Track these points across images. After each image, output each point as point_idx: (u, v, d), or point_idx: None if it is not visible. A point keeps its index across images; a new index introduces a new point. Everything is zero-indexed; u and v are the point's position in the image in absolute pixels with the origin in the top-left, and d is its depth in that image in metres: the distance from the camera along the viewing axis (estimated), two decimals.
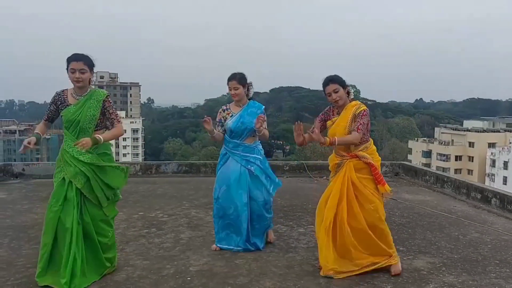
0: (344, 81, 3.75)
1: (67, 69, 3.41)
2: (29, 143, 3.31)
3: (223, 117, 4.29)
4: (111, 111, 3.52)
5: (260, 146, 4.35)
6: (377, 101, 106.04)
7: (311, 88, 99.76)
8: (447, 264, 3.91)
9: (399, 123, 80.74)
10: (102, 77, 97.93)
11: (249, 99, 4.34)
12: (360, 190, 3.62)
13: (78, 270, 3.29)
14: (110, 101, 3.55)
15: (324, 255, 3.61)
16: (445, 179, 7.32)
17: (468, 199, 6.53)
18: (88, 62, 3.43)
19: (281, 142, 76.97)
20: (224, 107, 4.35)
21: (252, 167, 4.20)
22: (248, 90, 4.30)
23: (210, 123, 4.06)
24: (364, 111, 3.66)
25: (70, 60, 3.40)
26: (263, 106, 4.33)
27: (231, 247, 4.18)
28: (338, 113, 3.76)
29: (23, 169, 8.01)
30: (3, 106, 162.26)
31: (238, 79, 4.20)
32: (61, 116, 3.47)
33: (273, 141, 74.92)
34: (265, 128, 4.18)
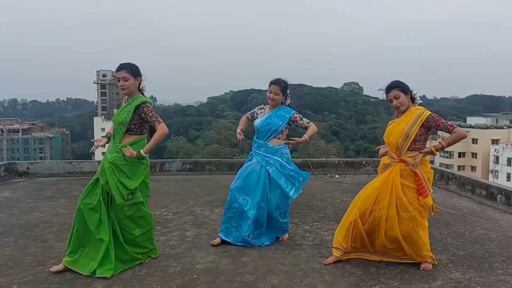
0: (406, 87, 3.67)
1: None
2: (97, 141, 3.81)
3: (256, 113, 4.49)
4: (150, 114, 3.61)
5: (286, 150, 4.36)
6: (380, 98, 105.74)
7: (313, 86, 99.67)
8: (453, 261, 3.90)
9: None
10: (104, 76, 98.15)
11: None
12: (400, 197, 3.60)
13: (104, 259, 3.50)
14: (148, 106, 3.62)
15: (341, 238, 3.80)
16: (450, 175, 7.30)
17: (473, 195, 6.50)
18: (130, 69, 3.65)
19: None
20: (262, 106, 4.52)
21: (271, 169, 4.23)
22: (285, 99, 4.38)
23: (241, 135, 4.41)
24: (433, 115, 3.60)
25: (117, 70, 3.66)
26: (293, 111, 4.34)
27: (229, 240, 4.23)
28: (398, 117, 3.78)
29: (28, 168, 8.03)
30: (6, 105, 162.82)
31: (282, 87, 4.30)
32: None
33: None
34: (306, 131, 4.29)
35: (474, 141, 57.30)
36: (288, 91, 4.38)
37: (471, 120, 68.88)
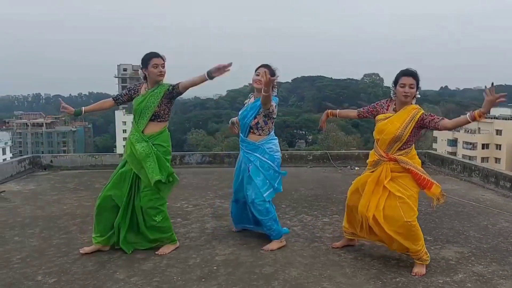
0: (419, 78, 3.52)
1: (145, 66, 3.76)
2: (66, 108, 3.94)
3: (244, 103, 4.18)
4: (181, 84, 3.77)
5: (270, 145, 3.98)
6: None
7: (333, 77, 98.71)
8: (476, 254, 3.84)
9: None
10: (125, 70, 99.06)
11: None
12: (392, 190, 3.47)
13: (121, 236, 3.81)
14: (174, 84, 3.79)
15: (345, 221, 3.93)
16: (473, 167, 7.16)
17: (497, 187, 6.37)
18: (163, 58, 3.79)
19: (303, 132, 76.55)
20: (250, 94, 4.20)
21: (250, 166, 3.96)
22: (273, 87, 3.90)
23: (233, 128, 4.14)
24: (427, 114, 3.50)
25: (150, 57, 3.76)
26: (274, 101, 3.93)
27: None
28: (394, 110, 3.59)
29: (51, 161, 8.21)
30: (30, 100, 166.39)
31: (270, 70, 3.85)
32: (132, 104, 3.87)
33: (295, 131, 74.57)
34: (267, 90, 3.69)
35: (498, 132, 55.99)
36: (277, 79, 3.94)
37: (495, 111, 67.01)
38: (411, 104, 3.55)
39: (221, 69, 3.57)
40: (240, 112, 4.09)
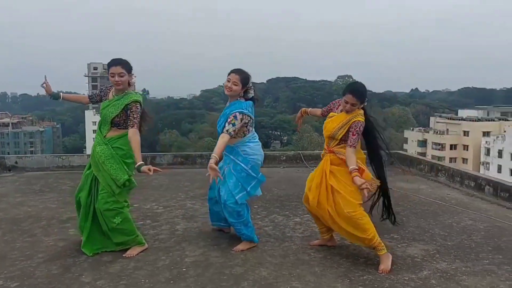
0: (364, 97, 3.68)
1: (108, 73, 3.74)
2: (46, 85, 3.94)
3: None
4: (134, 115, 3.71)
5: (245, 147, 3.90)
6: (373, 91, 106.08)
7: (308, 79, 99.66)
8: (440, 251, 3.94)
9: (395, 113, 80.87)
10: (95, 69, 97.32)
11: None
12: (333, 180, 3.70)
13: (83, 238, 3.82)
14: (137, 106, 3.72)
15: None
16: (439, 167, 7.35)
17: (462, 187, 6.56)
18: (126, 65, 3.75)
19: (278, 133, 76.96)
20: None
21: (225, 167, 3.94)
22: (246, 92, 3.94)
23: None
24: (358, 124, 3.63)
25: (109, 65, 3.73)
26: (239, 110, 3.81)
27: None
28: (341, 111, 3.79)
29: (16, 162, 7.95)
30: None
31: (243, 78, 3.85)
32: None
33: (270, 131, 74.84)
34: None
35: (466, 133, 57.78)
36: (250, 85, 3.92)
37: (462, 113, 69.31)
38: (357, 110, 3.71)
39: (150, 171, 3.58)
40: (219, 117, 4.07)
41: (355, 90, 3.65)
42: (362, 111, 3.73)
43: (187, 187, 6.54)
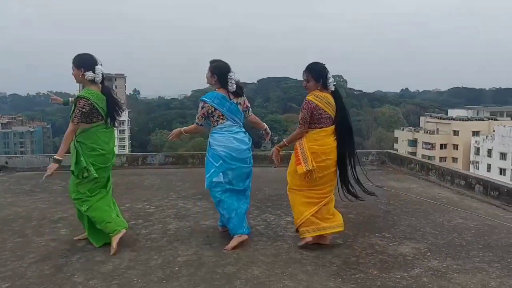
0: (318, 74, 3.91)
1: None
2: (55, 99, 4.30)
3: None
4: (76, 111, 3.80)
5: (210, 138, 4.14)
6: (364, 91, 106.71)
7: (298, 79, 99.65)
8: (431, 250, 3.97)
9: (386, 112, 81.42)
10: None
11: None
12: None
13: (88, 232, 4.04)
14: (80, 102, 3.79)
15: None
16: (430, 166, 7.41)
17: (452, 186, 6.62)
18: (74, 61, 3.86)
19: (270, 133, 76.92)
20: None
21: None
22: (225, 83, 4.11)
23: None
24: (304, 101, 3.93)
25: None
26: (201, 98, 4.22)
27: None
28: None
29: (6, 162, 7.88)
30: None
31: (212, 65, 4.16)
32: None
33: (261, 131, 74.69)
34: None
35: (456, 133, 58.31)
36: (230, 76, 4.07)
37: (452, 113, 69.96)
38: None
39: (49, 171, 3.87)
40: None
41: (309, 67, 3.97)
42: (318, 92, 3.91)
43: (179, 187, 6.53)
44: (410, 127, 68.24)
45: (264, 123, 4.57)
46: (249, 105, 4.31)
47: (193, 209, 5.29)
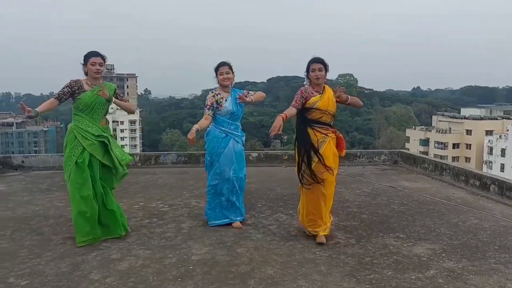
0: (327, 65, 4.20)
1: (85, 63, 4.09)
2: (27, 110, 3.89)
3: (216, 100, 4.45)
4: (122, 96, 4.35)
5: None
6: (375, 89, 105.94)
7: None
8: (447, 250, 3.95)
9: (397, 111, 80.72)
10: None
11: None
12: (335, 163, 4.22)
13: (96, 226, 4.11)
14: (119, 92, 4.35)
15: None
16: (444, 166, 7.35)
17: (466, 186, 6.56)
18: (104, 57, 4.16)
19: (279, 132, 76.81)
20: (215, 92, 4.50)
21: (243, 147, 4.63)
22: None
23: (194, 139, 4.23)
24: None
25: (90, 55, 4.10)
26: (243, 90, 4.59)
27: (236, 219, 4.60)
28: (318, 92, 4.20)
29: (23, 161, 8.01)
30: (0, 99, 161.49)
31: (229, 65, 4.52)
32: (77, 99, 4.08)
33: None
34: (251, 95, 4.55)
35: (468, 132, 57.62)
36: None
37: (465, 111, 69.12)
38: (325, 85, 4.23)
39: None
40: (230, 104, 4.52)
41: (316, 58, 4.16)
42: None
43: (192, 186, 6.57)
44: (422, 126, 67.61)
45: None
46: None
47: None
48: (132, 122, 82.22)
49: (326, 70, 4.18)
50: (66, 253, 3.82)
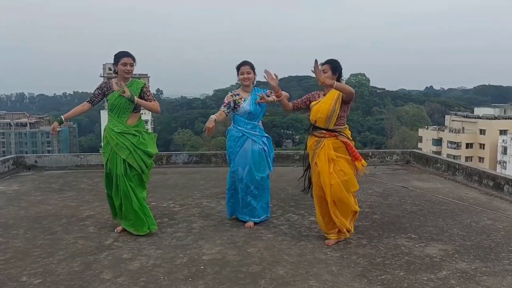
0: (337, 66, 4.13)
1: (116, 63, 4.19)
2: (53, 129, 4.36)
3: (234, 100, 4.55)
4: (149, 94, 4.33)
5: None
6: (387, 89, 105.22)
7: None
8: (459, 251, 3.90)
9: (409, 111, 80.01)
10: (110, 69, 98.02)
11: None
12: (336, 166, 4.04)
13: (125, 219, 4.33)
14: (148, 88, 4.35)
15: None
16: (457, 166, 7.27)
17: (480, 186, 6.47)
18: (134, 58, 4.25)
19: (291, 132, 76.84)
20: (234, 92, 4.62)
21: (265, 147, 4.61)
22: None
23: (213, 128, 4.26)
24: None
25: (121, 56, 4.19)
26: (266, 90, 4.60)
27: (256, 219, 4.61)
28: (324, 95, 4.19)
29: (36, 161, 8.10)
30: (13, 99, 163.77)
31: (251, 65, 4.56)
32: (107, 100, 4.25)
33: (282, 130, 74.77)
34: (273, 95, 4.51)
35: (482, 131, 56.89)
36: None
37: (478, 111, 68.23)
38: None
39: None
40: (249, 104, 4.58)
41: (329, 60, 4.15)
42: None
43: (203, 186, 6.58)
44: (435, 126, 66.92)
45: None
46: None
47: (217, 208, 5.33)
48: (144, 122, 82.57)
49: (334, 72, 4.12)
50: (78, 252, 3.86)
